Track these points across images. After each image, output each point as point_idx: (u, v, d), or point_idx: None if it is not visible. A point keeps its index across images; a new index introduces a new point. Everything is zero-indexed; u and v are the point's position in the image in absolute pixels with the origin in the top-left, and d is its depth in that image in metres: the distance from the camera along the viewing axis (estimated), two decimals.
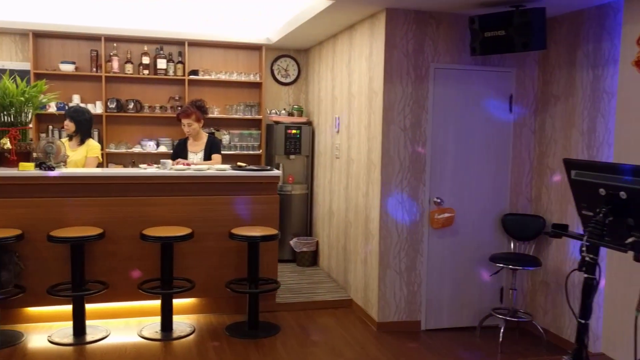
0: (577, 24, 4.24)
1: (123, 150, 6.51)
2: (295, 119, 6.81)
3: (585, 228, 2.61)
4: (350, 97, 5.26)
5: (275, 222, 4.85)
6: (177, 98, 6.72)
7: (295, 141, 6.67)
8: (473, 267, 4.71)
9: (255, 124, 7.00)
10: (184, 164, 4.77)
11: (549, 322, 4.50)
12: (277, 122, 6.69)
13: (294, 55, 7.14)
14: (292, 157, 6.73)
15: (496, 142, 4.69)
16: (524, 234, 4.60)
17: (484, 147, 4.66)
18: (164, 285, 4.37)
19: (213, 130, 6.65)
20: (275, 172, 4.86)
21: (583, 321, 2.05)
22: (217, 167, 4.76)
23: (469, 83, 4.57)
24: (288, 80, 7.19)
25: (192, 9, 5.61)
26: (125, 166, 6.60)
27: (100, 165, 5.38)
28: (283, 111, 6.92)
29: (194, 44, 6.66)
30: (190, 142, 5.26)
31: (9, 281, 4.17)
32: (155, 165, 4.76)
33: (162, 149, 6.60)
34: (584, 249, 2.58)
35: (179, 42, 6.59)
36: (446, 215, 4.52)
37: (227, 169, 4.78)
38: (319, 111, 6.50)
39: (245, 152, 6.83)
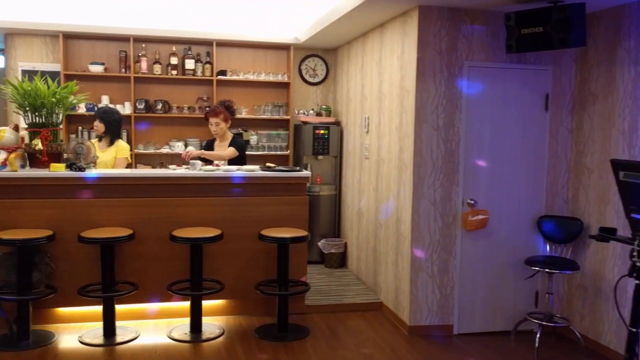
0: (618, 19, 4.09)
1: (151, 151, 6.53)
2: (324, 119, 6.76)
3: (636, 232, 2.51)
4: (380, 96, 5.18)
5: (305, 223, 4.80)
6: (205, 98, 6.73)
7: (324, 141, 6.62)
8: (507, 270, 4.59)
9: (283, 124, 6.97)
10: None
11: (587, 328, 4.35)
12: (305, 123, 6.65)
13: (322, 55, 7.08)
14: (320, 157, 6.68)
15: (531, 142, 4.56)
16: (560, 237, 4.47)
17: (519, 147, 4.54)
18: (193, 287, 4.36)
19: (241, 131, 6.64)
20: (305, 173, 4.81)
21: (634, 329, 1.94)
22: (246, 168, 4.73)
23: (504, 81, 4.46)
24: (316, 80, 7.14)
25: (220, 9, 5.60)
26: (153, 167, 6.63)
27: (129, 166, 5.40)
28: (311, 111, 6.87)
29: (222, 44, 6.65)
30: (217, 143, 5.25)
31: (40, 281, 4.21)
32: (185, 166, 4.76)
33: (190, 149, 6.57)
34: (635, 254, 2.46)
35: (207, 43, 6.59)
36: (480, 217, 4.41)
37: (256, 170, 4.75)
38: (347, 111, 6.43)
39: (273, 152, 6.80)
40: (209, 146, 5.27)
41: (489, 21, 4.38)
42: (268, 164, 5.00)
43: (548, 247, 4.57)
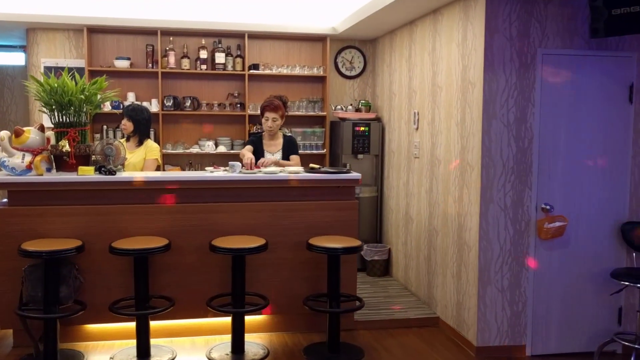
0: None
1: (180, 150, 6.18)
2: (363, 115, 6.34)
3: None
4: (435, 89, 4.75)
5: (354, 230, 4.39)
6: (236, 94, 6.35)
7: (364, 139, 6.21)
8: (587, 283, 4.14)
9: (318, 121, 6.57)
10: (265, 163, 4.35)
11: None
12: (343, 119, 6.24)
13: (360, 47, 6.67)
14: (360, 157, 6.28)
15: (613, 138, 4.10)
16: None
17: (599, 144, 4.08)
18: (235, 302, 3.97)
19: (287, 132, 6.25)
20: (354, 175, 4.40)
21: None
22: (290, 170, 4.34)
23: (582, 71, 4.00)
24: (353, 73, 6.74)
25: None
26: (182, 168, 6.27)
27: (158, 168, 5.04)
28: (349, 107, 6.46)
29: (254, 36, 6.27)
30: (265, 142, 4.85)
31: (68, 297, 3.85)
32: (223, 169, 4.37)
33: (221, 149, 6.24)
34: None
35: (238, 35, 6.21)
36: (557, 224, 3.96)
37: (300, 172, 4.35)
38: (390, 106, 6.01)
39: (308, 151, 6.39)
40: (257, 143, 4.82)
41: (566, 3, 3.93)
42: (312, 165, 4.60)
43: (634, 257, 4.10)
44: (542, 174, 4.02)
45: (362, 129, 6.19)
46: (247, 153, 4.53)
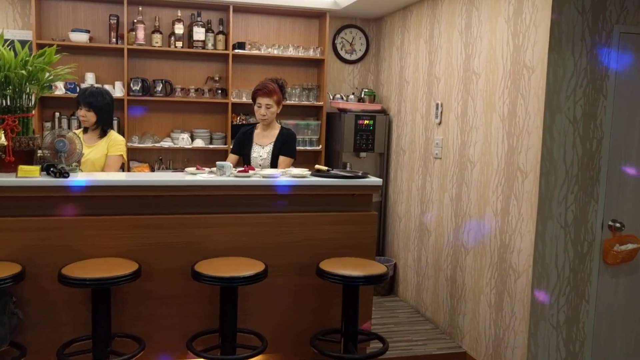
0: None
1: (149, 144, 5.31)
2: (367, 106, 5.58)
3: None
4: (468, 75, 4.00)
5: (372, 249, 3.65)
6: (217, 78, 5.51)
7: (368, 135, 5.45)
8: None
9: (313, 111, 5.79)
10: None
11: None
12: (343, 110, 5.47)
13: (362, 26, 5.90)
14: (362, 155, 5.52)
15: None
16: None
17: None
18: (224, 345, 3.16)
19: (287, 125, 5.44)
20: (374, 180, 3.63)
21: None
22: (294, 173, 3.54)
23: None
24: (354, 57, 5.96)
25: None
26: (151, 166, 5.40)
27: (123, 166, 4.19)
28: (351, 96, 5.68)
29: (240, 9, 5.43)
30: (258, 132, 4.06)
31: (3, 339, 2.98)
32: (209, 170, 3.54)
33: (198, 143, 5.39)
34: None
35: (221, 7, 5.37)
36: (630, 247, 3.28)
37: (306, 175, 3.55)
38: (400, 96, 5.26)
39: (301, 147, 5.57)
40: (247, 134, 4.05)
41: None
42: (319, 167, 3.81)
43: None
44: (611, 183, 3.32)
45: (366, 122, 5.44)
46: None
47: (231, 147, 4.16)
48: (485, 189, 3.77)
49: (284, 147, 3.97)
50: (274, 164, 3.95)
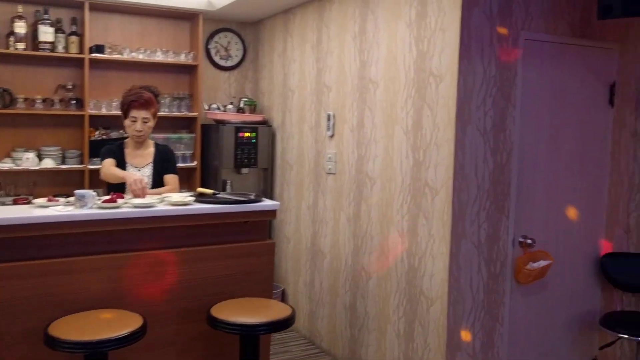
0: None
1: None
2: (248, 117, 5.14)
3: None
4: (364, 84, 3.72)
5: (270, 284, 3.20)
6: (70, 87, 4.75)
7: (250, 149, 5.01)
8: (569, 333, 3.41)
9: (186, 123, 5.22)
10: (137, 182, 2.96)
11: None
12: (221, 122, 4.99)
13: (237, 30, 5.45)
14: (244, 171, 5.06)
15: (593, 150, 3.44)
16: (632, 283, 3.38)
17: (577, 157, 3.38)
18: None
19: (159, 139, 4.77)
20: (270, 204, 3.19)
21: None
22: (174, 200, 2.99)
23: (564, 64, 3.26)
24: (230, 63, 5.50)
25: None
26: None
27: None
28: (230, 106, 5.19)
29: (98, 7, 4.74)
30: (129, 151, 3.43)
31: None
32: (65, 200, 2.88)
33: (48, 163, 4.60)
34: None
35: (75, 4, 4.65)
36: (542, 264, 3.15)
37: (190, 202, 3.02)
38: (284, 106, 4.89)
39: None
40: (117, 154, 3.39)
41: None
42: (201, 190, 3.30)
43: (623, 297, 3.47)
44: (520, 197, 3.19)
45: (247, 135, 4.99)
46: (131, 176, 3.12)
47: (100, 157, 3.42)
48: (388, 208, 3.49)
49: (168, 164, 3.43)
50: (157, 187, 3.38)
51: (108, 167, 3.26)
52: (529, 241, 3.19)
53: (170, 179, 3.41)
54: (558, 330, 3.42)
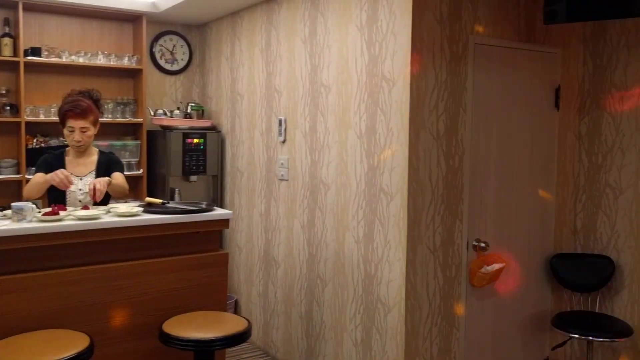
0: None
1: None
2: (196, 123, 5.02)
3: None
4: (317, 88, 3.68)
5: (224, 295, 3.12)
6: (3, 91, 4.52)
7: (199, 155, 4.89)
8: (522, 335, 3.47)
9: (130, 130, 5.06)
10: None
11: None
12: (168, 128, 4.85)
13: (183, 33, 5.32)
14: (193, 178, 4.93)
15: (541, 153, 3.52)
16: (584, 283, 3.47)
17: (528, 159, 3.45)
18: None
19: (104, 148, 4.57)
20: (222, 213, 3.10)
21: None
22: (121, 211, 2.86)
23: (512, 68, 3.32)
24: (175, 67, 5.36)
25: None
26: None
27: None
28: (177, 111, 5.05)
29: (33, 7, 4.52)
30: (70, 159, 3.27)
31: None
32: (1, 214, 2.71)
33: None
34: None
35: (7, 4, 4.42)
36: (496, 267, 3.19)
37: (138, 213, 2.90)
38: (233, 111, 4.80)
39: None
40: (54, 165, 3.21)
41: None
42: (150, 200, 3.18)
43: (574, 297, 3.55)
44: (473, 201, 3.22)
45: (195, 141, 4.87)
46: (54, 174, 2.96)
47: (35, 169, 3.25)
48: (344, 214, 3.46)
49: (114, 168, 3.27)
50: (101, 199, 3.23)
51: (31, 181, 3.08)
52: (483, 244, 3.22)
53: (117, 174, 3.26)
54: (512, 332, 3.47)
